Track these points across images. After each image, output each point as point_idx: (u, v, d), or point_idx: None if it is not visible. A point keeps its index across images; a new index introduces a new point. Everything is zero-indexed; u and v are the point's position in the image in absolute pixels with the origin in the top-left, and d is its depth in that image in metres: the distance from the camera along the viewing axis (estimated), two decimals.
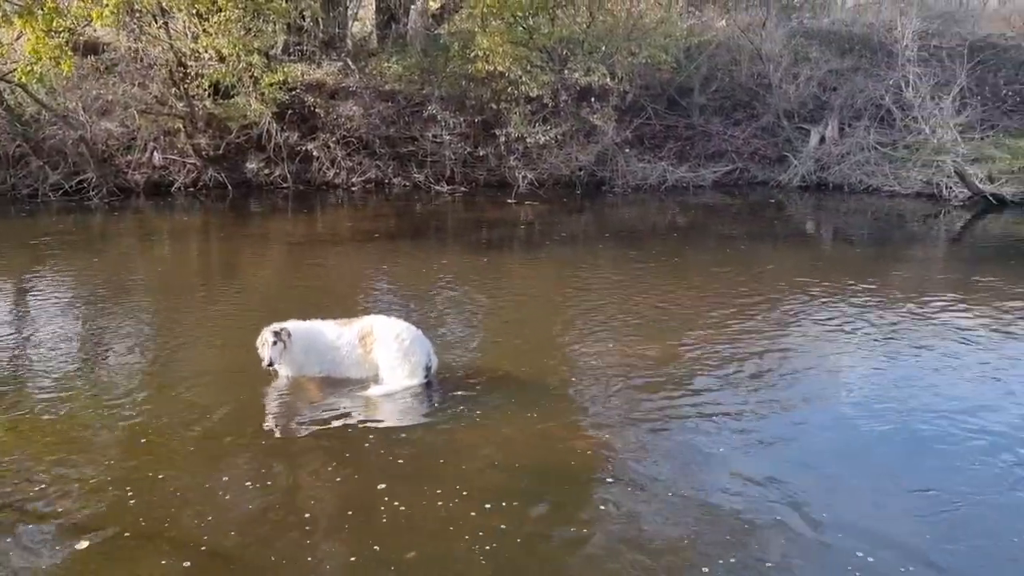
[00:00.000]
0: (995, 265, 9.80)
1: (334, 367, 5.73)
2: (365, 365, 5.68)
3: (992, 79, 15.80)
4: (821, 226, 12.93)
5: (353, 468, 4.58)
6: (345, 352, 5.69)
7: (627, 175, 15.01)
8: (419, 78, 15.54)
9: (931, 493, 4.32)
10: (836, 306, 7.68)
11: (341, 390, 5.60)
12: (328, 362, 5.73)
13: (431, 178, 14.96)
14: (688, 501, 4.23)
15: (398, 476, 4.48)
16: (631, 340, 6.76)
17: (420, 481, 4.42)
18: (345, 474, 4.51)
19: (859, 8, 20.17)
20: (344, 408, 5.33)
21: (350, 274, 9.56)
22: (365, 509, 4.14)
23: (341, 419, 5.17)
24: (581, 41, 14.81)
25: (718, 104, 16.39)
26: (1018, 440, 4.91)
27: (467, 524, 4.01)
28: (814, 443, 4.92)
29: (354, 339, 5.69)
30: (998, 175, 13.35)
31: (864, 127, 14.89)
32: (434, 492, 4.30)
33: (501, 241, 11.51)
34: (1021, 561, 3.76)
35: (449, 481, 4.41)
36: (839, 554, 3.78)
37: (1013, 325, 7.13)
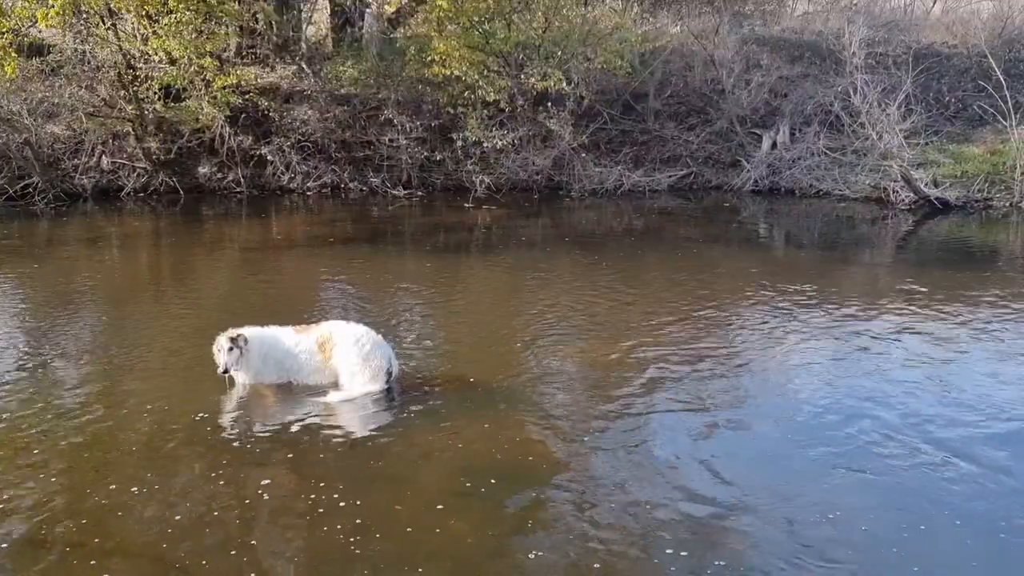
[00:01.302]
0: (940, 267, 10.08)
1: (293, 374, 5.66)
2: (325, 371, 5.61)
3: (936, 86, 16.27)
4: (774, 229, 13.17)
5: (312, 473, 4.52)
6: (304, 359, 5.62)
7: (584, 179, 15.12)
8: (375, 82, 15.46)
9: (880, 491, 4.42)
10: (788, 307, 7.82)
11: (300, 396, 5.53)
12: (287, 369, 5.65)
13: (388, 182, 14.88)
14: (645, 501, 4.26)
15: (358, 480, 4.44)
16: (589, 342, 6.81)
17: (380, 485, 4.39)
18: (304, 480, 4.45)
19: (808, 16, 20.61)
20: (303, 414, 5.27)
21: (307, 279, 9.45)
22: (325, 514, 4.10)
23: (300, 425, 5.11)
24: (537, 46, 14.88)
25: (673, 109, 16.60)
26: (948, 433, 5.05)
27: (427, 526, 3.99)
28: (767, 443, 5.00)
29: (313, 345, 5.61)
30: (942, 179, 13.75)
31: (814, 132, 15.21)
32: (394, 495, 4.27)
33: (459, 245, 11.49)
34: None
35: (409, 484, 4.40)
36: (795, 550, 3.85)
37: (957, 325, 7.34)
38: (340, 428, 5.13)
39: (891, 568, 3.73)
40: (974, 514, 4.17)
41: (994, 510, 4.20)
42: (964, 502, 4.27)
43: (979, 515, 4.16)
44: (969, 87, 15.87)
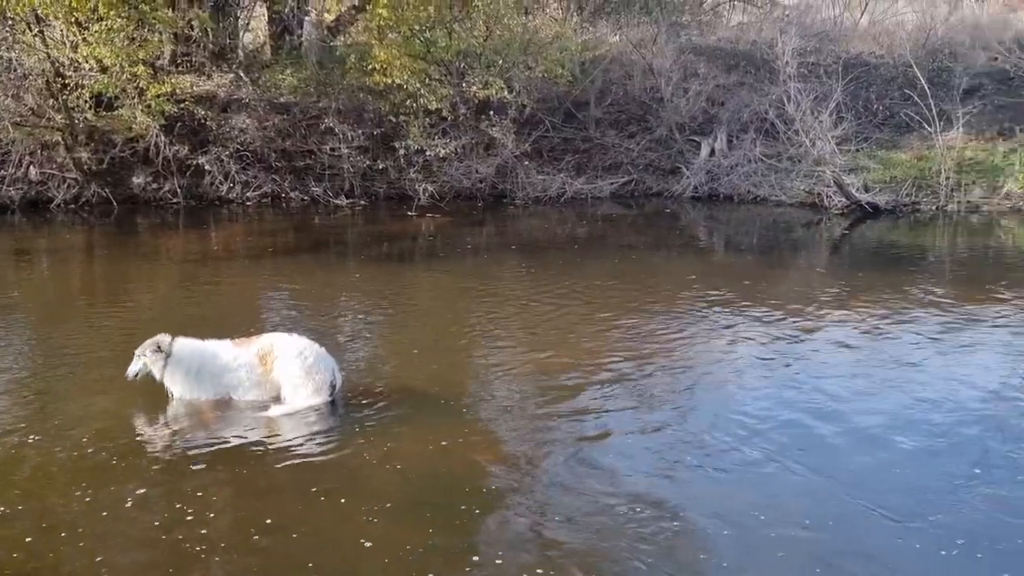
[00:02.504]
0: (872, 269, 10.42)
1: (232, 390, 5.51)
2: (266, 386, 5.49)
3: (864, 94, 16.81)
4: (713, 235, 13.43)
5: (255, 489, 4.44)
6: (244, 374, 5.47)
7: (527, 187, 15.18)
8: (315, 90, 15.29)
9: (823, 491, 4.53)
10: (728, 311, 7.98)
11: (241, 411, 5.42)
12: (225, 385, 5.50)
13: (330, 192, 14.71)
14: (590, 508, 4.29)
15: (302, 494, 4.37)
16: (534, 350, 6.83)
17: (324, 498, 4.33)
18: (247, 496, 4.37)
19: (743, 27, 21.09)
20: (245, 429, 5.17)
21: (247, 291, 9.28)
22: (269, 530, 4.02)
23: (242, 440, 5.01)
24: (479, 55, 14.92)
25: (613, 117, 16.80)
26: (885, 430, 5.22)
27: (373, 539, 3.95)
28: (711, 445, 5.07)
29: (253, 359, 5.48)
30: (872, 184, 14.21)
31: (751, 140, 15.56)
32: (339, 508, 4.22)
33: (403, 254, 11.43)
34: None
35: (354, 497, 4.35)
36: (739, 553, 3.92)
37: (888, 324, 7.58)
38: (283, 442, 5.04)
39: (836, 562, 3.83)
40: (890, 504, 4.30)
41: None
42: (886, 493, 4.41)
43: (896, 505, 4.30)
44: (896, 95, 16.43)
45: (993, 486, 4.54)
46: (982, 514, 4.25)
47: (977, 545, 3.95)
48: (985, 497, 4.42)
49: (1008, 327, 7.55)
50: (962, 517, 4.22)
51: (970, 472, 4.69)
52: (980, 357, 6.72)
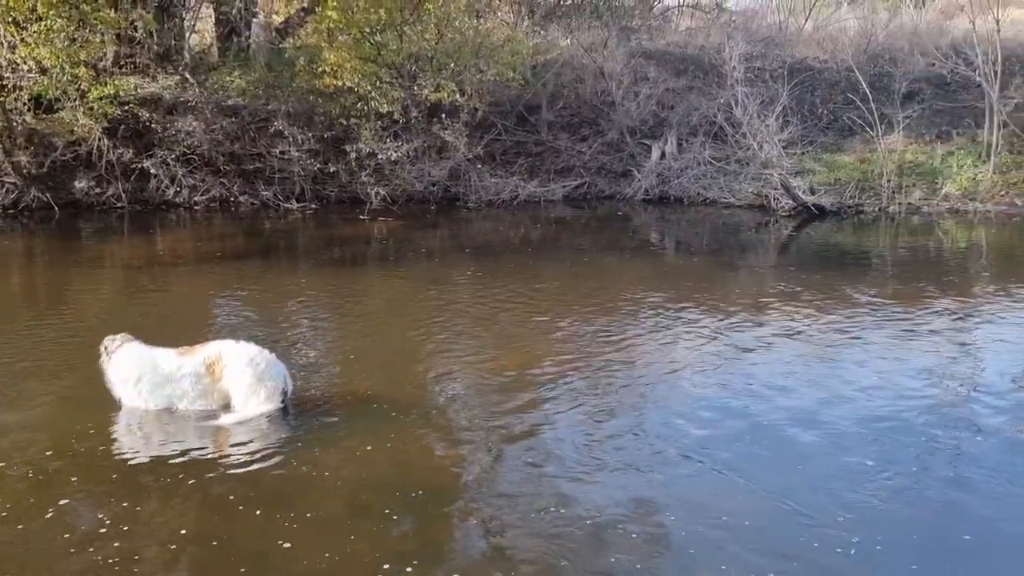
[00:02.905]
0: (818, 269, 10.65)
1: (176, 400, 5.37)
2: (213, 395, 5.36)
3: (809, 99, 17.20)
4: (664, 237, 13.59)
5: (207, 500, 4.35)
6: (189, 384, 5.33)
7: (480, 190, 15.20)
8: (264, 93, 15.09)
9: (777, 492, 4.60)
10: (680, 313, 8.07)
11: (191, 420, 5.31)
12: (166, 396, 5.35)
13: (280, 195, 14.52)
14: (547, 510, 4.30)
15: (254, 503, 4.29)
16: (488, 353, 6.83)
17: (280, 507, 4.26)
18: (199, 507, 4.27)
19: (691, 32, 21.41)
20: (195, 438, 5.06)
21: (195, 298, 9.09)
22: (222, 542, 3.94)
23: (192, 450, 4.90)
24: (430, 58, 14.89)
25: (565, 121, 16.91)
26: (840, 429, 5.35)
27: (330, 547, 3.90)
28: (665, 447, 5.12)
29: (199, 368, 5.34)
30: (818, 187, 14.54)
31: (700, 143, 15.80)
32: (295, 518, 4.16)
33: (355, 258, 11.33)
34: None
35: (310, 505, 4.29)
36: (692, 556, 3.97)
37: (835, 322, 7.76)
38: (234, 451, 4.95)
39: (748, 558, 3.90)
40: (804, 501, 4.41)
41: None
42: (802, 491, 4.52)
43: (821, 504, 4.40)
44: (839, 99, 16.84)
45: (898, 478, 4.65)
46: (889, 510, 4.31)
47: (878, 539, 4.00)
48: (892, 491, 4.51)
49: (943, 327, 7.79)
50: (870, 512, 4.28)
51: (882, 467, 4.76)
52: (915, 355, 6.87)
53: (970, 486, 4.61)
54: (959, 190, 14.23)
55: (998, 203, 14.02)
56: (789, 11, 22.67)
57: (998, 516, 4.32)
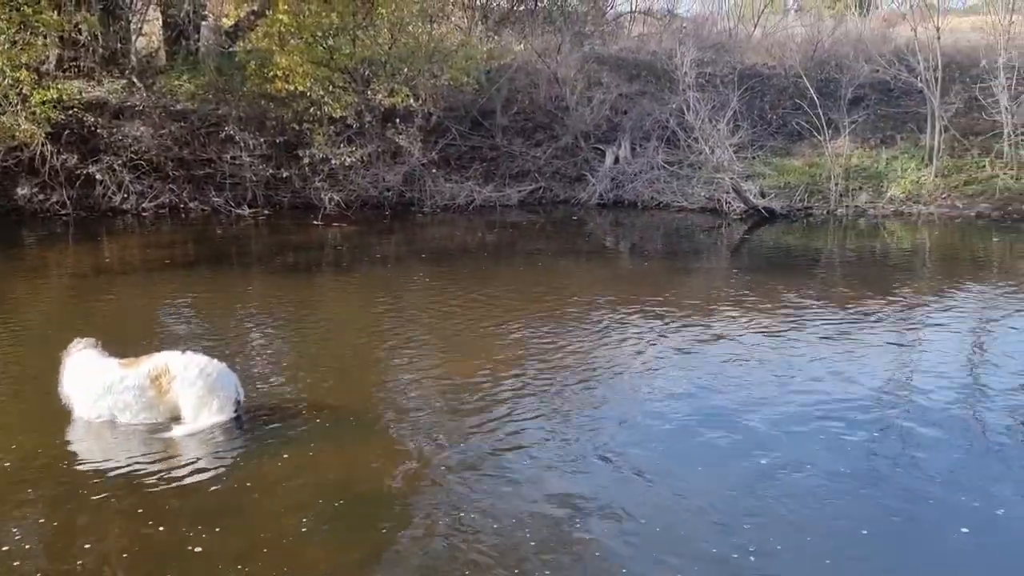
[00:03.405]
0: (770, 271, 10.85)
1: (118, 413, 5.23)
2: (159, 408, 5.24)
3: (759, 104, 17.49)
4: (619, 241, 13.70)
5: (158, 512, 4.25)
6: (132, 396, 5.20)
7: (435, 195, 15.14)
8: (214, 97, 14.82)
9: (734, 494, 4.67)
10: (635, 316, 8.15)
11: (141, 432, 5.19)
12: (108, 408, 5.22)
13: (231, 201, 14.28)
14: (505, 516, 4.31)
15: (209, 515, 4.22)
16: (445, 360, 6.81)
17: (233, 518, 4.19)
18: (151, 522, 4.17)
19: (643, 37, 21.64)
20: (146, 451, 4.95)
21: (144, 306, 8.89)
22: (176, 557, 3.86)
23: (143, 463, 4.79)
24: (384, 62, 14.80)
25: (520, 125, 16.94)
26: (792, 428, 5.45)
27: (285, 558, 3.85)
28: (623, 452, 5.14)
29: (144, 380, 5.22)
30: (768, 190, 14.79)
31: (653, 147, 15.96)
32: (250, 529, 4.10)
33: (309, 264, 11.20)
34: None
35: (265, 516, 4.23)
36: (651, 561, 4.00)
37: (787, 324, 7.91)
38: (187, 463, 4.85)
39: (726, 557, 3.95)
40: (710, 499, 4.48)
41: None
42: (712, 491, 4.60)
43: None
44: (788, 104, 17.15)
45: (811, 479, 4.74)
46: (796, 511, 4.39)
47: (780, 540, 4.07)
48: (804, 491, 4.60)
49: (884, 327, 7.99)
50: (776, 512, 4.36)
51: (795, 468, 4.86)
52: (850, 356, 6.99)
53: (884, 484, 4.71)
54: (903, 193, 14.60)
55: (940, 205, 14.42)
56: (739, 18, 23.09)
57: (911, 514, 4.38)
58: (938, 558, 4.04)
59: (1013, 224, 13.53)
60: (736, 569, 3.84)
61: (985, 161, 14.78)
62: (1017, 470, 4.90)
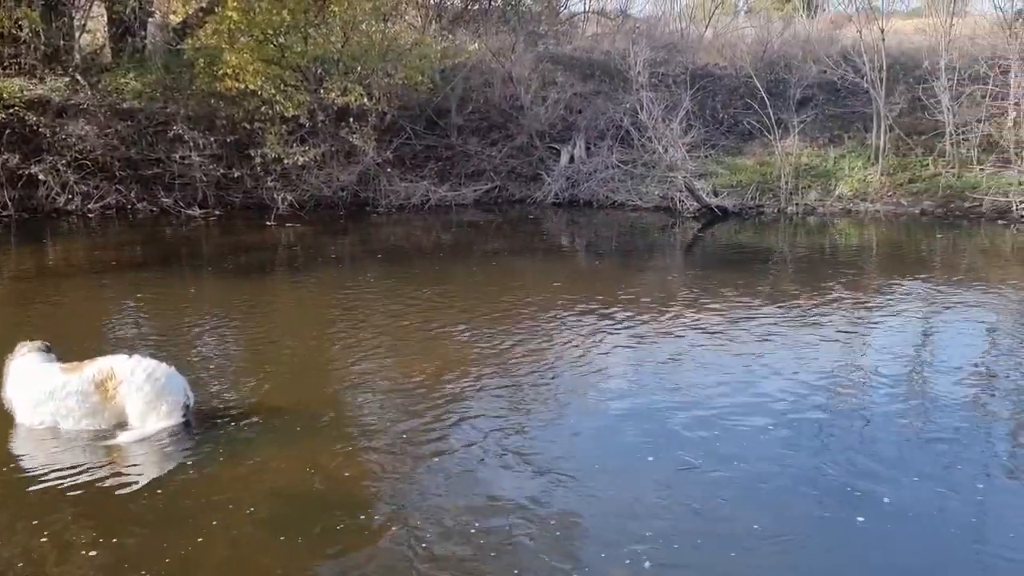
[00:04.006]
0: (722, 268, 10.99)
1: (60, 419, 5.09)
2: (104, 414, 5.11)
3: (711, 103, 17.72)
4: (575, 239, 13.76)
5: (106, 522, 4.15)
6: (75, 402, 5.05)
7: (390, 195, 15.05)
8: (161, 95, 14.52)
9: (680, 495, 4.72)
10: (592, 315, 8.19)
11: (86, 439, 5.05)
12: (50, 414, 5.08)
13: (181, 202, 14.01)
14: (462, 517, 4.29)
15: (158, 524, 4.13)
16: (401, 361, 6.76)
17: (185, 526, 4.10)
18: (101, 532, 4.06)
19: (597, 37, 21.78)
20: (91, 458, 4.82)
21: (90, 309, 8.67)
22: (128, 568, 3.76)
23: (88, 470, 4.67)
24: (336, 61, 14.65)
25: (475, 125, 16.91)
26: (742, 423, 5.53)
27: (239, 566, 3.79)
28: (579, 452, 5.17)
29: (87, 386, 5.07)
30: (720, 189, 15.00)
31: (607, 147, 16.07)
32: (203, 535, 4.02)
33: (262, 265, 11.03)
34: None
35: (216, 523, 4.15)
36: (608, 561, 4.02)
37: (742, 319, 8.02)
38: (135, 470, 4.74)
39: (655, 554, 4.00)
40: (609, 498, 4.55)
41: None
42: (746, 489, 4.67)
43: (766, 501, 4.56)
44: (739, 104, 17.41)
45: (720, 475, 4.80)
46: (707, 507, 4.43)
47: (676, 541, 4.10)
48: (716, 487, 4.66)
49: (826, 321, 8.16)
50: (690, 511, 4.40)
51: (713, 466, 4.90)
52: (800, 352, 7.14)
53: (804, 480, 4.75)
54: (851, 191, 14.93)
55: (886, 203, 14.78)
56: (690, 19, 23.39)
57: (832, 514, 4.40)
58: (850, 550, 4.08)
59: (955, 221, 13.93)
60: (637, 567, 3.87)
61: (928, 160, 15.19)
62: (943, 462, 5.04)
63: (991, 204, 14.03)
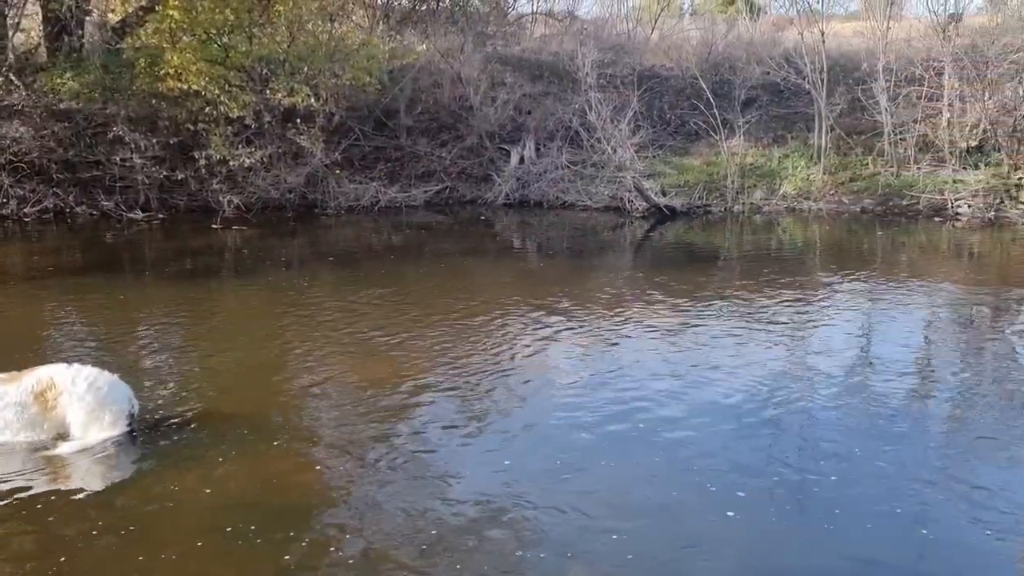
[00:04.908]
0: (672, 266, 11.14)
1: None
2: (45, 425, 4.92)
3: (658, 104, 17.95)
4: (526, 240, 13.79)
5: (48, 537, 4.00)
6: (12, 414, 4.87)
7: (339, 197, 14.90)
8: (100, 96, 14.11)
9: (633, 495, 4.76)
10: (543, 315, 8.21)
11: (23, 451, 4.87)
12: None
13: (122, 205, 13.64)
14: (418, 519, 4.26)
15: (103, 537, 4.00)
16: (353, 362, 6.69)
17: (132, 541, 3.98)
18: (40, 548, 3.93)
19: (545, 38, 21.87)
20: (30, 470, 4.65)
21: (28, 318, 8.38)
22: None
23: (30, 484, 4.50)
24: (282, 61, 14.43)
25: (424, 126, 16.85)
26: (695, 420, 5.61)
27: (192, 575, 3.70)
28: (531, 454, 5.16)
29: (25, 397, 4.89)
30: (669, 188, 15.21)
31: (557, 147, 16.16)
32: (149, 550, 3.90)
33: (208, 270, 10.81)
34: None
35: (166, 534, 4.05)
36: (561, 564, 4.03)
37: (691, 318, 8.13)
38: (78, 482, 4.60)
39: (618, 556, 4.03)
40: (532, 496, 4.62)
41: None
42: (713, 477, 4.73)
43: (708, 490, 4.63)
44: (685, 105, 17.67)
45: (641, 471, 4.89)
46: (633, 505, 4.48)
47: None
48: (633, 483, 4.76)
49: (774, 319, 8.33)
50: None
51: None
52: (741, 350, 7.25)
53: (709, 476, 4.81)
54: (795, 190, 15.27)
55: (829, 201, 15.15)
56: (637, 20, 23.62)
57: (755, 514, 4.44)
58: (797, 542, 4.17)
59: (894, 218, 14.35)
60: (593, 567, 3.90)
61: (868, 159, 15.62)
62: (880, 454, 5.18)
63: (928, 202, 14.49)
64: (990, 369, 6.91)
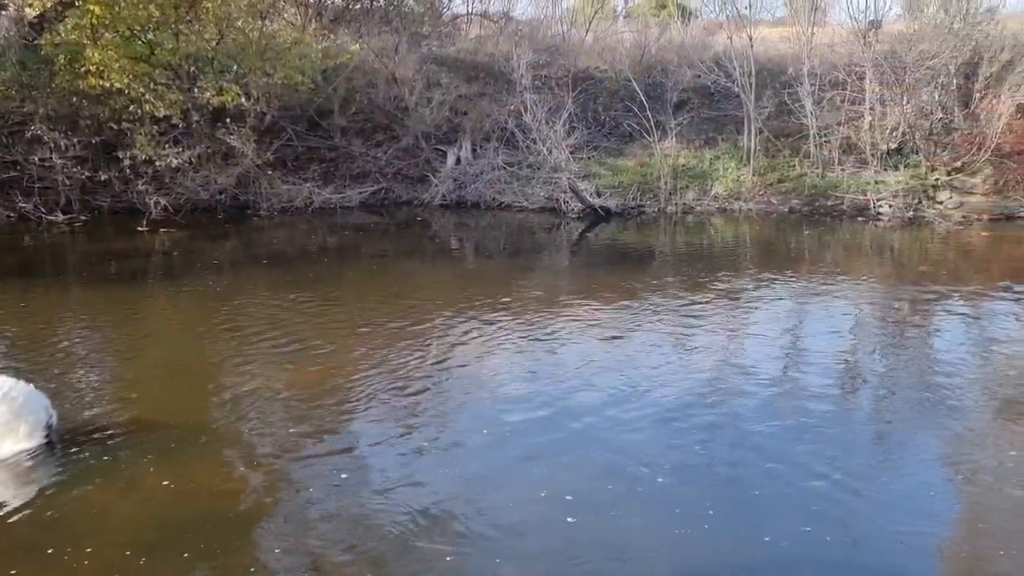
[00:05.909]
0: (607, 265, 11.27)
1: None
2: None
3: (593, 106, 18.11)
4: (463, 241, 13.76)
5: None
6: None
7: (272, 198, 14.63)
8: (17, 94, 13.55)
9: (570, 497, 4.79)
10: (481, 316, 8.20)
11: None
12: None
13: (42, 207, 13.13)
14: (352, 525, 4.21)
15: (23, 557, 3.83)
16: (285, 369, 6.57)
17: (51, 558, 3.83)
18: None
19: (481, 39, 21.83)
20: None
21: None
22: None
23: None
24: (211, 59, 14.08)
25: (359, 126, 16.66)
26: (635, 414, 5.68)
27: None
28: (469, 459, 5.13)
29: None
30: (603, 189, 15.36)
31: (493, 148, 16.16)
32: (71, 567, 3.76)
33: (135, 274, 10.48)
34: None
35: (88, 551, 3.90)
36: (499, 562, 4.03)
37: (627, 318, 8.23)
38: None
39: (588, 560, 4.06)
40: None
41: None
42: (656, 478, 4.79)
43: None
44: (619, 107, 17.87)
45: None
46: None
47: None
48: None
49: (707, 317, 8.51)
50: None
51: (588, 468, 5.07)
52: (675, 349, 7.43)
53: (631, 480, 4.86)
54: (726, 191, 15.60)
55: (758, 202, 15.53)
56: (571, 22, 23.77)
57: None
58: (730, 537, 4.28)
59: (820, 218, 14.79)
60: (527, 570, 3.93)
61: (795, 161, 16.05)
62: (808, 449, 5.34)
63: (851, 202, 14.98)
64: (908, 362, 7.17)
